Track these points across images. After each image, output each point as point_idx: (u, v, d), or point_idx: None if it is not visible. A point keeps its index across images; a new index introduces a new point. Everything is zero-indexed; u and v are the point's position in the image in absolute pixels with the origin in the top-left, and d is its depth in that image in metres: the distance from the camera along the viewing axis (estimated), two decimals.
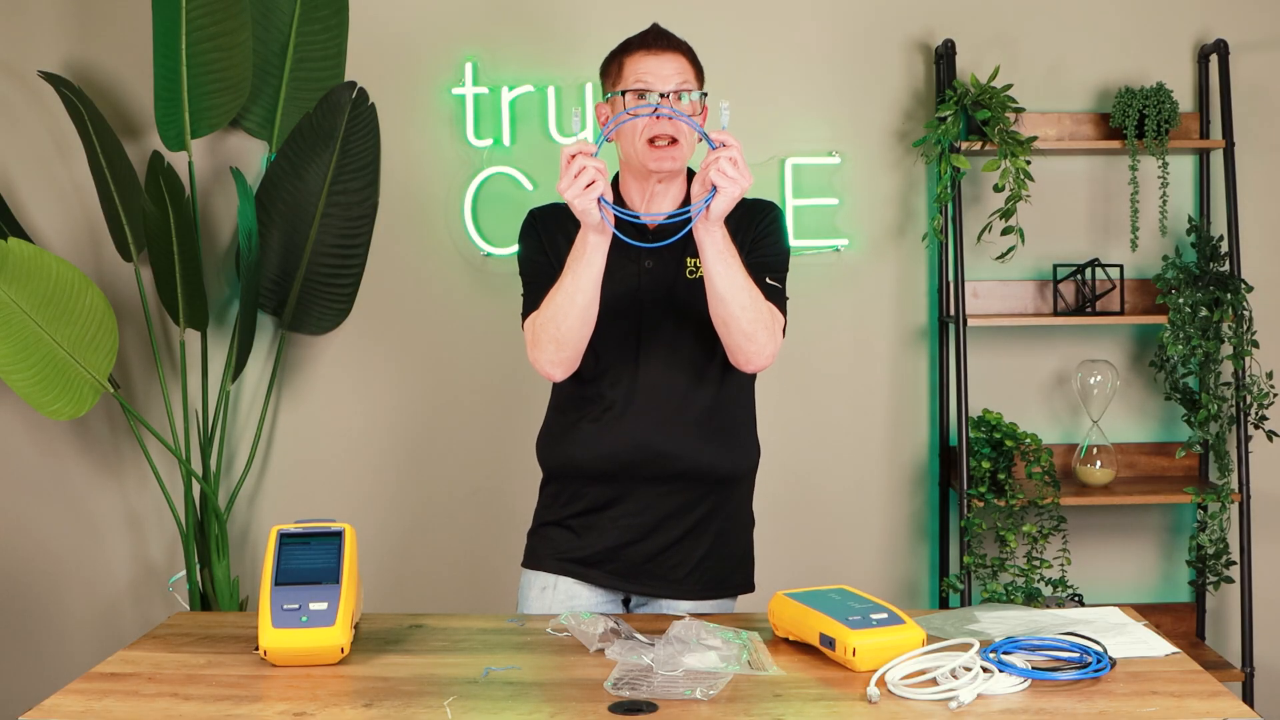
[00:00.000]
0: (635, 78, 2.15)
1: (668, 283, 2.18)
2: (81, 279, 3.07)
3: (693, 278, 2.18)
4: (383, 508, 3.48)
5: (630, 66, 2.16)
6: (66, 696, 1.74)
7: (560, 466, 2.26)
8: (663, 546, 2.20)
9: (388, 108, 3.34)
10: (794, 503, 3.48)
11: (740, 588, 2.31)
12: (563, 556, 2.24)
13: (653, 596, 2.24)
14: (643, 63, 2.16)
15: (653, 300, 2.18)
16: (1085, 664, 1.77)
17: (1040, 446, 3.30)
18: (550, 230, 2.24)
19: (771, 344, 2.14)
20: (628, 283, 2.18)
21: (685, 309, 2.17)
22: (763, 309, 2.11)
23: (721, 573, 2.27)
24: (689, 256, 2.18)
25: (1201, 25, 3.45)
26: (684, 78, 2.16)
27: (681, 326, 2.18)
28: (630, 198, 2.24)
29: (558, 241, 2.21)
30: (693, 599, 2.23)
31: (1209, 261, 3.32)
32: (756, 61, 3.43)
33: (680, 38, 2.23)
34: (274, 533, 1.94)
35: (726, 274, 2.05)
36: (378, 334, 3.47)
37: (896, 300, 3.48)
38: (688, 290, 2.18)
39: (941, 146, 3.28)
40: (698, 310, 2.15)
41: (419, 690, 1.74)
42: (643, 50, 2.17)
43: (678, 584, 2.22)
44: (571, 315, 2.08)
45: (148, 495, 3.48)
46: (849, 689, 1.72)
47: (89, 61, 3.42)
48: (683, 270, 2.19)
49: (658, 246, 2.16)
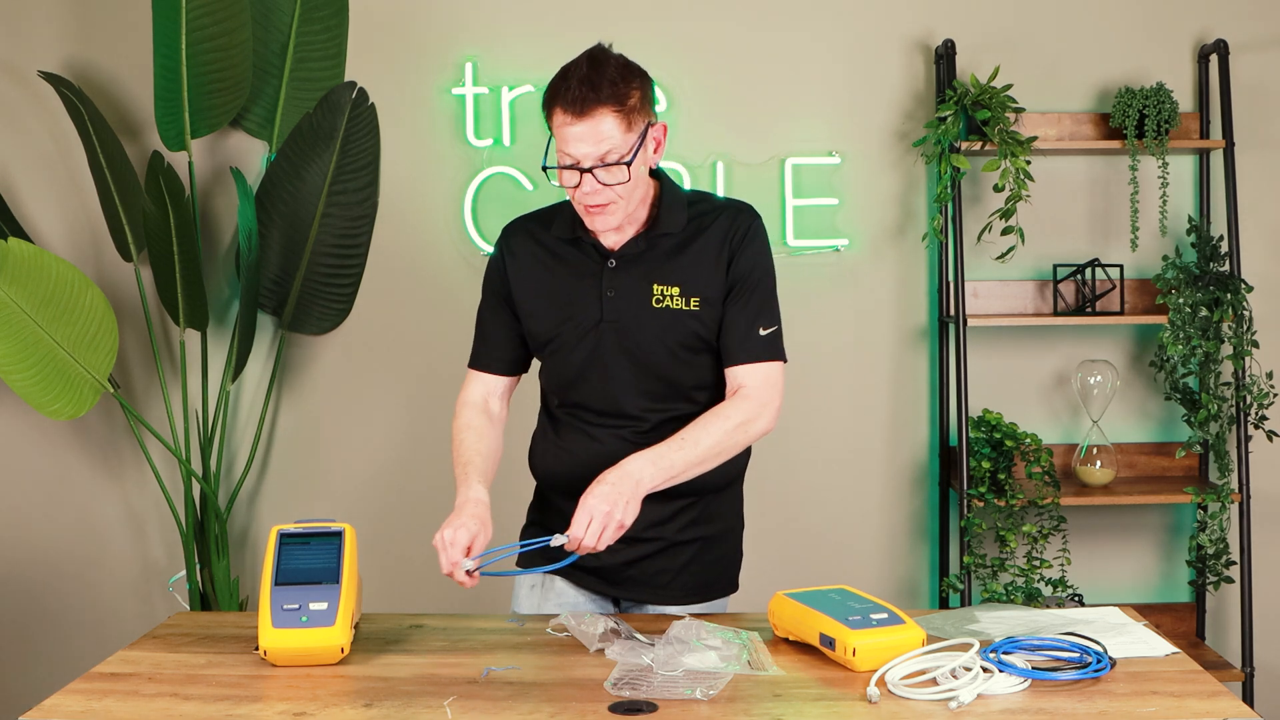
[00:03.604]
0: (560, 143, 2.00)
1: (633, 311, 2.11)
2: (81, 279, 3.07)
3: (659, 306, 2.10)
4: (383, 508, 3.48)
5: (557, 130, 2.00)
6: (66, 696, 1.73)
7: (543, 479, 2.27)
8: (646, 555, 2.17)
9: (388, 108, 3.35)
10: (794, 503, 3.48)
11: (727, 590, 2.29)
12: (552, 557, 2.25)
13: (640, 601, 2.22)
14: (566, 130, 1.98)
15: (618, 329, 2.11)
16: (1085, 664, 1.77)
17: (1040, 446, 3.30)
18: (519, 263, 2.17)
19: (765, 424, 2.10)
20: (590, 313, 2.12)
21: (655, 336, 2.10)
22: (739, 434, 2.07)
23: (708, 578, 2.24)
24: (654, 284, 2.10)
25: (1201, 25, 3.45)
26: (610, 143, 1.97)
27: (652, 352, 2.11)
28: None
29: (524, 283, 2.16)
30: (680, 604, 2.21)
31: (1209, 261, 3.32)
32: (756, 61, 3.43)
33: (613, 75, 1.98)
34: (274, 533, 1.94)
35: (700, 468, 2.04)
36: (378, 334, 3.47)
37: (896, 300, 3.48)
38: (654, 318, 2.10)
39: (941, 146, 3.28)
40: (669, 336, 2.10)
41: (419, 690, 1.74)
42: (565, 112, 1.98)
43: (663, 589, 2.20)
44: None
45: (148, 495, 3.48)
46: (849, 689, 1.72)
47: (89, 61, 3.42)
48: (649, 299, 2.10)
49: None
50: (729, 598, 2.29)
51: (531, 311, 2.18)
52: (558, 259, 2.16)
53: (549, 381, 2.23)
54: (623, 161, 1.99)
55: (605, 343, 2.12)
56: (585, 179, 1.99)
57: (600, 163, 1.98)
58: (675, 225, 2.11)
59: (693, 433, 2.04)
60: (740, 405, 2.08)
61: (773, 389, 2.11)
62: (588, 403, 2.16)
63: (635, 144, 2.00)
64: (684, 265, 2.10)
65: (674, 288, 2.09)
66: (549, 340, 2.16)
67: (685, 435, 2.04)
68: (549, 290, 2.15)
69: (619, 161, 1.99)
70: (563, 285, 2.14)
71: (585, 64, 1.99)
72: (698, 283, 2.10)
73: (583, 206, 2.04)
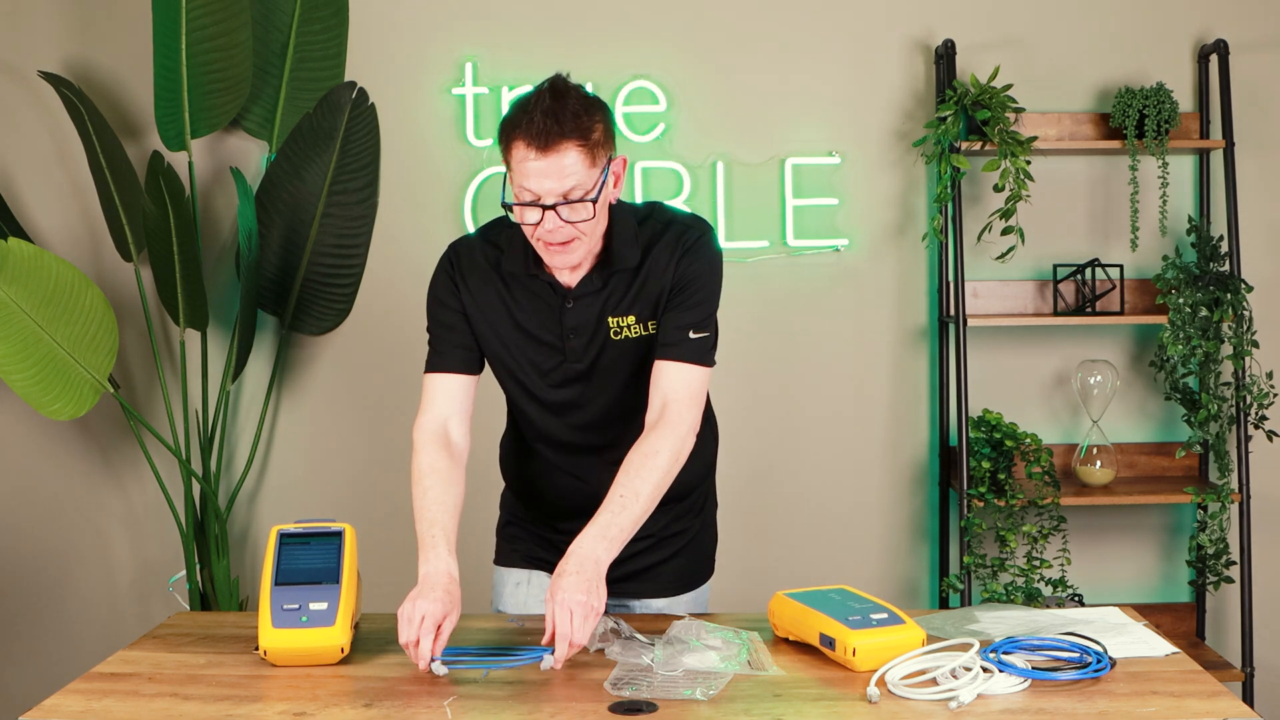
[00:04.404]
0: (520, 179, 1.91)
1: (596, 349, 2.08)
2: (81, 279, 3.07)
3: (617, 338, 2.07)
4: (383, 508, 3.48)
5: (516, 165, 1.91)
6: (66, 696, 1.73)
7: (516, 490, 2.28)
8: (631, 554, 2.15)
9: (388, 108, 3.34)
10: (795, 502, 3.49)
11: (707, 576, 2.31)
12: (533, 555, 2.25)
13: (626, 597, 2.23)
14: (527, 165, 1.89)
15: (578, 360, 2.08)
16: (1085, 664, 1.77)
17: (1040, 446, 3.30)
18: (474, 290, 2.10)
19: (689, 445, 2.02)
20: (553, 358, 2.09)
21: (615, 368, 2.08)
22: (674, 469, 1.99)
23: (691, 568, 2.27)
24: (610, 316, 2.06)
25: (1201, 25, 3.45)
26: (574, 179, 1.89)
27: (620, 384, 2.10)
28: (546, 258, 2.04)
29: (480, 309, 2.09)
30: (666, 596, 2.23)
31: (1209, 261, 3.32)
32: (756, 61, 3.43)
33: (575, 108, 1.90)
34: (274, 533, 1.94)
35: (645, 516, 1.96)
36: (378, 334, 3.47)
37: (896, 300, 3.48)
38: (615, 349, 2.08)
39: (941, 146, 3.28)
40: (627, 364, 2.08)
41: (419, 690, 1.74)
42: (526, 145, 1.89)
43: (646, 584, 2.22)
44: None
45: (148, 495, 3.48)
46: (849, 689, 1.72)
47: (89, 61, 3.42)
48: (606, 331, 2.07)
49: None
50: (713, 585, 2.32)
51: (485, 338, 2.11)
52: (513, 294, 2.08)
53: (510, 403, 2.20)
54: (587, 198, 1.91)
55: (570, 380, 2.10)
56: (548, 216, 1.90)
57: (563, 199, 1.89)
58: (629, 260, 2.04)
59: (630, 485, 1.95)
60: (666, 438, 1.99)
61: (693, 400, 2.04)
62: (557, 438, 2.15)
63: (599, 179, 1.93)
64: (636, 292, 2.05)
65: (629, 317, 2.05)
66: (507, 370, 2.13)
67: (623, 491, 1.94)
68: (505, 324, 2.09)
69: (583, 199, 1.91)
70: (520, 321, 2.08)
71: (547, 95, 1.90)
72: (651, 306, 2.05)
73: (542, 244, 1.95)
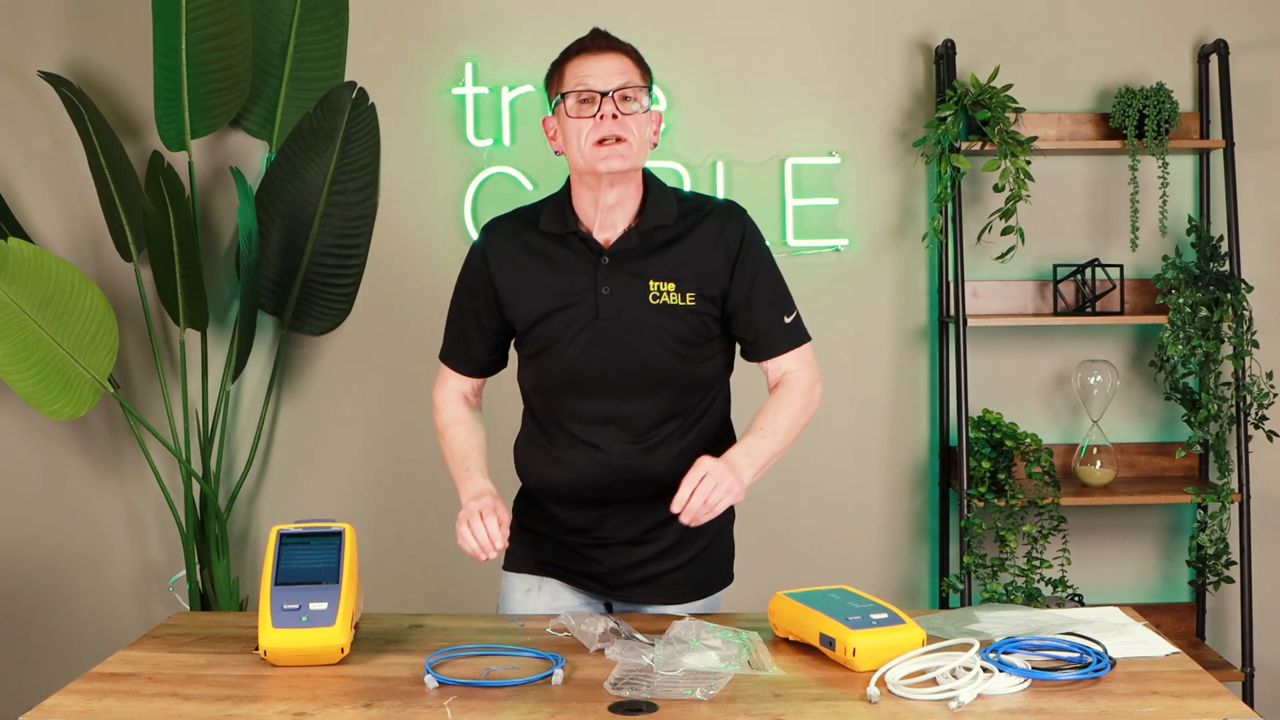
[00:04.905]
0: (576, 81, 2.06)
1: (630, 308, 2.09)
2: (81, 279, 3.07)
3: (655, 302, 2.09)
4: (383, 508, 3.48)
5: (571, 70, 2.08)
6: (66, 696, 1.74)
7: (536, 487, 2.24)
8: (645, 559, 2.17)
9: (388, 108, 3.35)
10: (794, 502, 3.48)
11: (722, 584, 2.29)
12: (544, 560, 2.23)
13: (640, 603, 2.21)
14: (584, 65, 2.07)
15: (615, 326, 2.09)
16: (1085, 664, 1.77)
17: (1040, 446, 3.30)
18: (503, 261, 2.16)
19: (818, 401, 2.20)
20: (585, 310, 2.10)
21: (650, 336, 2.09)
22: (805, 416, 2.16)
23: (705, 575, 2.24)
24: (650, 280, 2.10)
25: (1201, 25, 3.45)
26: (627, 77, 2.07)
27: (651, 349, 2.10)
28: (583, 210, 2.12)
29: (508, 278, 2.15)
30: (680, 601, 2.21)
31: (1209, 261, 3.32)
32: (756, 61, 3.44)
33: (624, 41, 2.13)
34: (274, 533, 1.94)
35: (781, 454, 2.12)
36: (378, 334, 3.47)
37: (896, 300, 3.48)
38: (652, 315, 2.09)
39: (941, 146, 3.28)
40: (667, 332, 2.09)
41: (419, 690, 1.74)
42: (583, 53, 2.09)
43: (663, 589, 2.19)
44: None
45: (148, 495, 3.48)
46: (849, 689, 1.72)
47: (89, 61, 3.42)
48: (645, 295, 2.09)
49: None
50: (724, 591, 2.30)
51: (518, 308, 2.14)
52: (547, 257, 2.13)
53: (536, 383, 2.19)
54: (639, 97, 2.06)
55: (602, 340, 2.09)
56: (605, 103, 2.03)
57: (618, 91, 2.04)
58: (666, 217, 2.11)
59: (769, 421, 2.10)
60: (797, 388, 2.15)
61: (812, 367, 2.20)
62: (581, 406, 2.13)
63: (646, 99, 2.09)
64: (678, 261, 2.10)
65: (669, 284, 2.09)
66: (538, 338, 2.13)
67: (762, 424, 2.09)
68: (539, 287, 2.12)
69: (635, 96, 2.06)
70: (554, 281, 2.11)
71: (593, 31, 2.13)
72: (693, 279, 2.10)
73: (593, 145, 2.04)
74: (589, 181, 2.09)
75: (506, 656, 1.87)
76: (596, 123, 2.03)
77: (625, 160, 2.05)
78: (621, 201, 2.10)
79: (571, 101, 2.06)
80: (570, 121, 2.06)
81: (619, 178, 2.08)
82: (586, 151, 2.05)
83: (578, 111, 2.05)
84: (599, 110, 2.03)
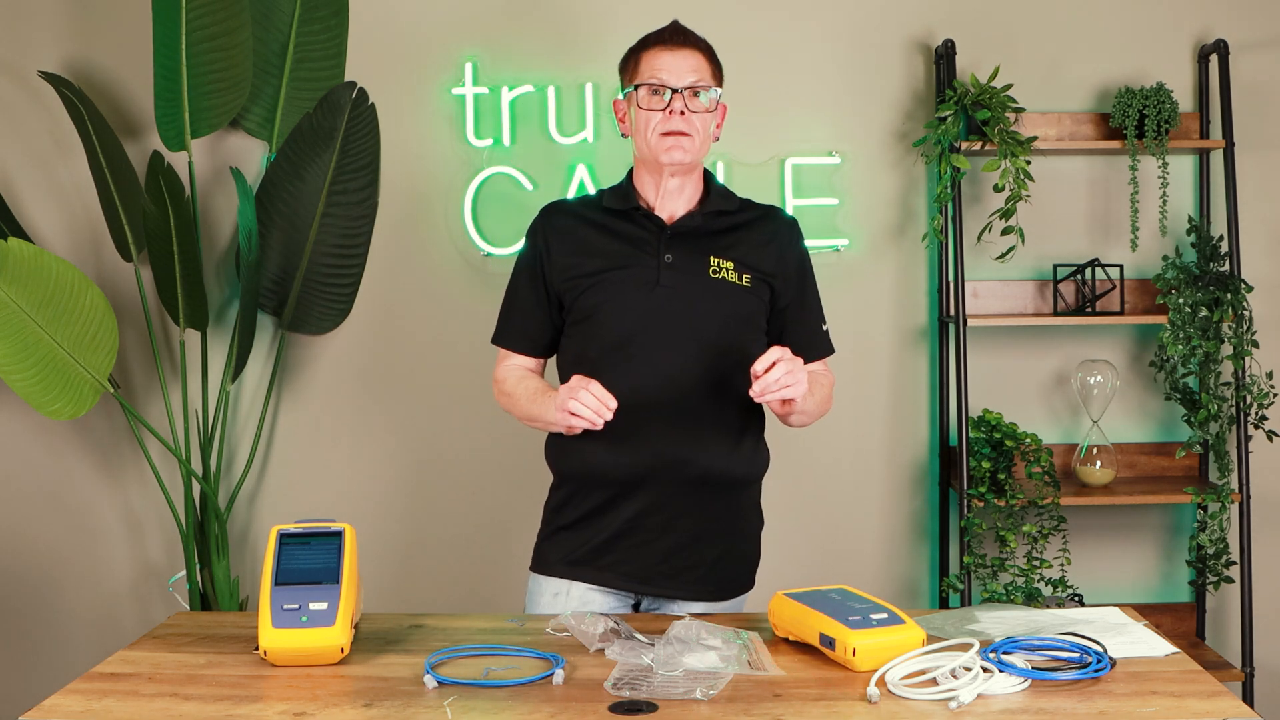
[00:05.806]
0: (650, 73, 2.18)
1: (689, 279, 2.17)
2: (81, 279, 3.07)
3: (715, 276, 2.18)
4: (383, 508, 3.48)
5: (647, 62, 2.19)
6: (66, 696, 1.73)
7: (574, 472, 2.23)
8: (678, 547, 2.19)
9: (388, 108, 3.34)
10: (794, 502, 3.48)
11: (747, 586, 2.33)
12: (575, 560, 2.23)
13: (667, 599, 2.23)
14: (659, 58, 2.18)
15: (672, 298, 2.16)
16: (1085, 664, 1.77)
17: (1040, 446, 3.30)
18: (560, 231, 2.25)
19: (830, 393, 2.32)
20: (646, 280, 2.17)
21: (707, 308, 2.17)
22: (827, 402, 2.28)
23: (732, 573, 2.28)
24: (713, 255, 2.20)
25: (1201, 25, 3.45)
26: (699, 75, 2.18)
27: (703, 327, 2.16)
28: (644, 192, 2.25)
29: (566, 245, 2.23)
30: (706, 600, 2.23)
31: (1209, 261, 3.32)
32: (757, 61, 3.43)
33: (700, 36, 2.25)
34: (274, 533, 1.94)
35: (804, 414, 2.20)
36: (378, 334, 3.47)
37: (896, 300, 3.48)
38: (711, 289, 2.17)
39: (941, 146, 3.28)
40: (723, 307, 2.17)
41: (419, 690, 1.74)
42: (659, 46, 2.20)
43: (691, 585, 2.21)
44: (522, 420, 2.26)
45: (148, 495, 3.48)
46: (849, 689, 1.72)
47: (89, 61, 3.42)
48: (706, 269, 2.19)
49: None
50: (746, 595, 2.33)
51: (575, 268, 2.19)
52: (608, 228, 2.23)
53: (583, 350, 2.20)
54: (709, 94, 2.18)
55: (657, 305, 2.16)
56: (675, 98, 2.14)
57: (690, 88, 2.16)
58: (729, 204, 2.25)
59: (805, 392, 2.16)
60: (824, 382, 2.30)
61: (832, 375, 2.38)
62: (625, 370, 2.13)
63: (717, 96, 2.21)
64: (737, 243, 2.22)
65: (729, 262, 2.19)
66: (594, 294, 2.17)
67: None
68: (599, 248, 2.21)
69: (706, 92, 2.18)
70: (615, 246, 2.20)
71: (672, 24, 2.25)
72: (750, 262, 2.21)
73: (659, 135, 2.15)
74: (652, 168, 2.22)
75: (506, 656, 1.87)
76: (665, 116, 2.15)
77: (687, 154, 2.16)
78: (682, 188, 2.23)
79: (643, 92, 2.18)
80: (641, 112, 2.18)
81: (679, 169, 2.19)
82: (653, 142, 2.17)
83: (648, 103, 2.17)
84: (668, 105, 2.15)
